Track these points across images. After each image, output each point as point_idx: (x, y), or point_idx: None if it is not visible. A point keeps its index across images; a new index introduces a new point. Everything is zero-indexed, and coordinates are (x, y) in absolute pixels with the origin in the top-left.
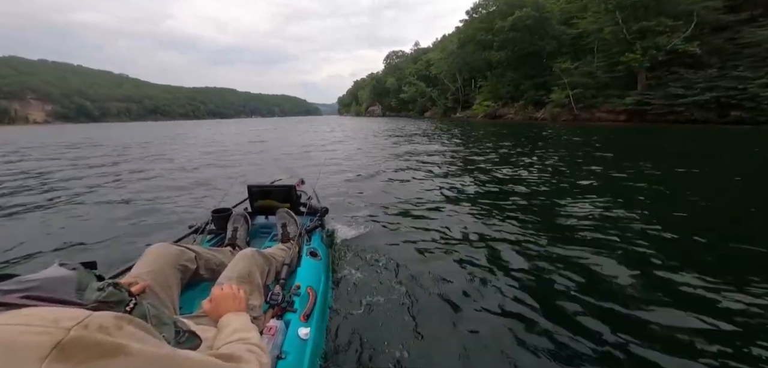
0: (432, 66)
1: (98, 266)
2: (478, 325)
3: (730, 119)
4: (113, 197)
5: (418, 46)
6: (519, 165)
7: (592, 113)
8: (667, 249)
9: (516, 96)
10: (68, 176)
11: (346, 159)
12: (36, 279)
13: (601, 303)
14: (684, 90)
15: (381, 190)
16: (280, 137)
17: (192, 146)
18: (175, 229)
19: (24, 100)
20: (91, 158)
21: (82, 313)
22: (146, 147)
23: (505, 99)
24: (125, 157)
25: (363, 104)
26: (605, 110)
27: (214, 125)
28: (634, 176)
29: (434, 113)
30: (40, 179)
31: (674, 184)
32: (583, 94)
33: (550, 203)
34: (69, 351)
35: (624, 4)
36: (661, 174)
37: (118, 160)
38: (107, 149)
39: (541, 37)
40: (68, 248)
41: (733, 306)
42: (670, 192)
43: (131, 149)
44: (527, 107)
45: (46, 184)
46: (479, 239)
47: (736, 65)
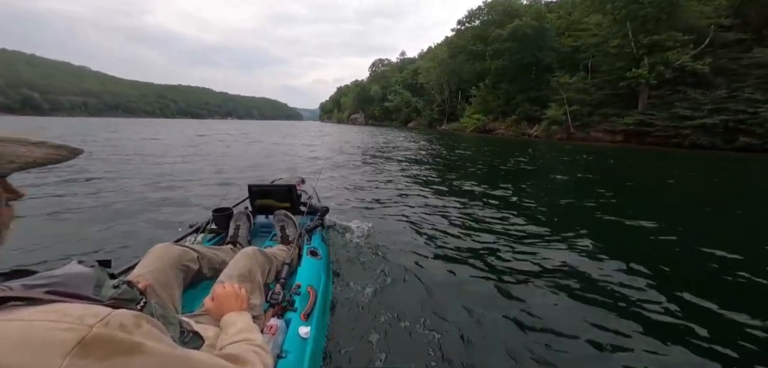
0: (419, 74)
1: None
2: (478, 325)
3: (739, 145)
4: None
5: (405, 56)
6: (519, 183)
7: (588, 133)
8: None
9: (507, 111)
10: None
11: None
12: (58, 275)
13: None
14: (691, 111)
15: (381, 190)
16: (230, 147)
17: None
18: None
19: None
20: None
21: (104, 310)
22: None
23: (495, 113)
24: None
25: (345, 111)
26: (601, 130)
27: (156, 124)
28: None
29: (419, 124)
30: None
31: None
32: (580, 111)
33: (549, 233)
34: (90, 347)
35: (635, 16)
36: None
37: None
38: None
39: (540, 49)
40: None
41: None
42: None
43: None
44: (520, 122)
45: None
46: (480, 243)
47: (742, 87)
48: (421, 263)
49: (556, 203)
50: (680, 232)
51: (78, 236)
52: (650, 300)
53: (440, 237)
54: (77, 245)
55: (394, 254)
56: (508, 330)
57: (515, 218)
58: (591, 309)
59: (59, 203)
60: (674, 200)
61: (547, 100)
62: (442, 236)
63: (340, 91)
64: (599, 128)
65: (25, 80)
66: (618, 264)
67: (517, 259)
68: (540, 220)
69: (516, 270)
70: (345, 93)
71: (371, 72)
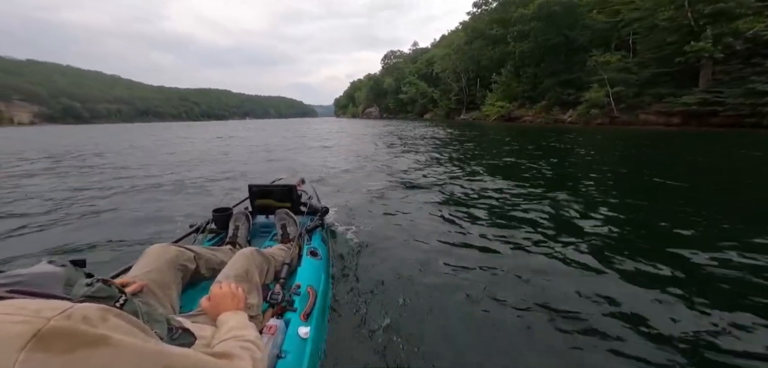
0: (434, 64)
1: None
2: (479, 325)
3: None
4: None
5: (417, 47)
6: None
7: (636, 116)
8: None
9: (534, 96)
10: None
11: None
12: (23, 274)
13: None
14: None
15: (381, 190)
16: (239, 145)
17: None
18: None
19: (9, 101)
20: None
21: (66, 304)
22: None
23: (521, 99)
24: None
25: (360, 105)
26: (653, 112)
27: (185, 127)
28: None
29: (435, 115)
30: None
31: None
32: (626, 92)
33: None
34: (48, 340)
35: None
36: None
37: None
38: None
39: (571, 27)
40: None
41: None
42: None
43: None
44: (551, 108)
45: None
46: (486, 243)
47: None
48: (422, 263)
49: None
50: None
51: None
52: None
53: (448, 240)
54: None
55: (395, 254)
56: (514, 334)
57: (542, 210)
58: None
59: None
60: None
61: (580, 82)
62: (450, 238)
63: (354, 85)
64: (650, 111)
65: (63, 90)
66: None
67: (534, 264)
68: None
69: (532, 275)
70: (358, 87)
71: (384, 65)
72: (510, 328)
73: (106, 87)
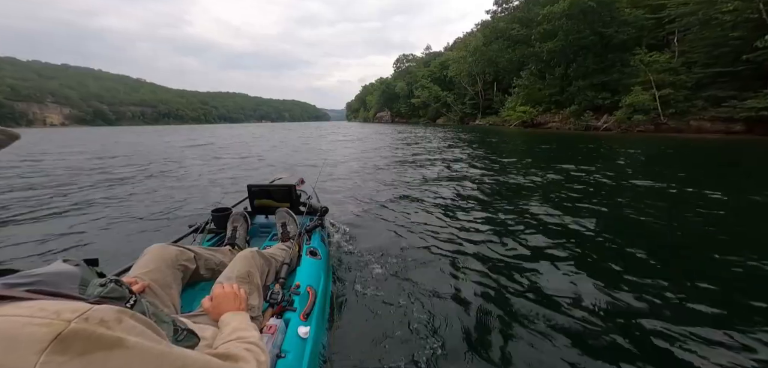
0: (448, 67)
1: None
2: (479, 325)
3: None
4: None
5: (430, 50)
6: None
7: (687, 122)
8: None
9: (562, 101)
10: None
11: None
12: (40, 274)
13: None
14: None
15: (382, 190)
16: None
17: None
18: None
19: (43, 103)
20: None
21: (84, 306)
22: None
23: (546, 104)
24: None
25: (371, 109)
26: (708, 118)
27: (190, 131)
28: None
29: (448, 120)
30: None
31: None
32: (675, 95)
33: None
34: (68, 342)
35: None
36: None
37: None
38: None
39: (606, 24)
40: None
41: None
42: None
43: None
44: (582, 113)
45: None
46: (487, 246)
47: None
48: (422, 264)
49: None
50: None
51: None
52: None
53: (448, 240)
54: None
55: (395, 254)
56: (513, 336)
57: (537, 230)
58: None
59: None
60: None
61: (617, 85)
62: (451, 238)
63: (366, 89)
64: (705, 117)
65: (93, 94)
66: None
67: (533, 273)
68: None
69: (526, 280)
70: (370, 91)
71: (396, 68)
72: (511, 330)
73: (132, 90)
